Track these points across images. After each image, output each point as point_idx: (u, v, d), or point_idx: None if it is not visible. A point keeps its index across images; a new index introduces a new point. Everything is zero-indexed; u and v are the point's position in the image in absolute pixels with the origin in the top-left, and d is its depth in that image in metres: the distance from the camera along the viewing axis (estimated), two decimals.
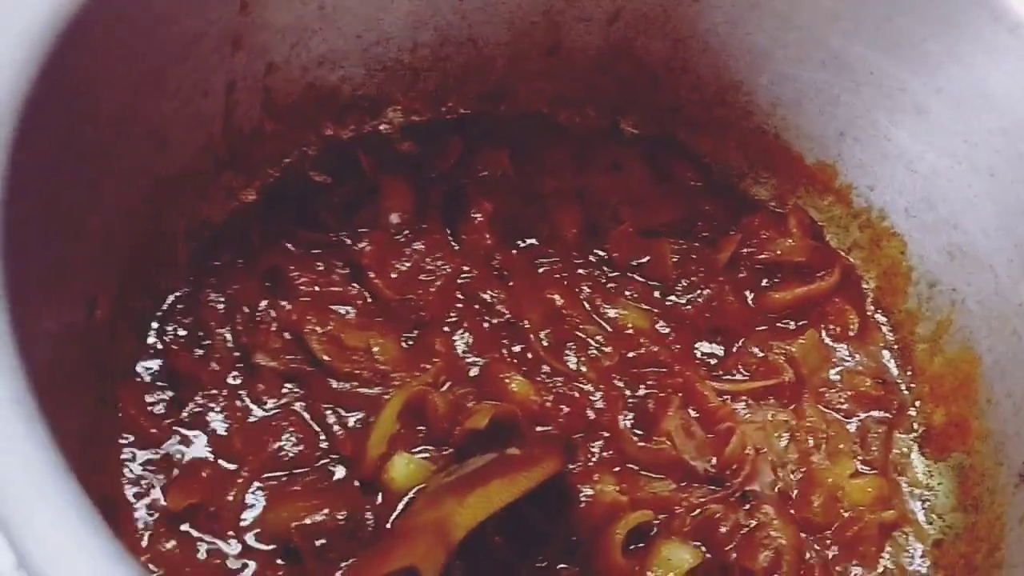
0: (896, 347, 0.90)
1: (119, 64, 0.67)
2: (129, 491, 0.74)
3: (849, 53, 0.84)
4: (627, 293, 0.90)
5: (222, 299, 0.81)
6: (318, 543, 0.69)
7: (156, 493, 0.73)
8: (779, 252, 0.92)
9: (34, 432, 0.46)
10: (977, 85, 0.77)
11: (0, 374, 0.46)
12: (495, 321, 0.85)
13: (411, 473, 0.75)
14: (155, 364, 0.78)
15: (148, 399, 0.77)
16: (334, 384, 0.79)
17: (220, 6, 0.75)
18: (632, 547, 0.77)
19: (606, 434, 0.82)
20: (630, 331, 0.87)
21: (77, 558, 0.44)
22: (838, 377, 0.88)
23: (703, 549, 0.78)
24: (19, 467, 0.44)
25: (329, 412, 0.78)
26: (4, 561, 0.46)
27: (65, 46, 0.60)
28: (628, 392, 0.84)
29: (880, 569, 0.79)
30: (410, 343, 0.83)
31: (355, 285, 0.84)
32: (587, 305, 0.88)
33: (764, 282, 0.92)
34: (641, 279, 0.91)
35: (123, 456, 0.75)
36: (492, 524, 0.68)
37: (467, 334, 0.84)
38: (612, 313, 0.88)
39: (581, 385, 0.84)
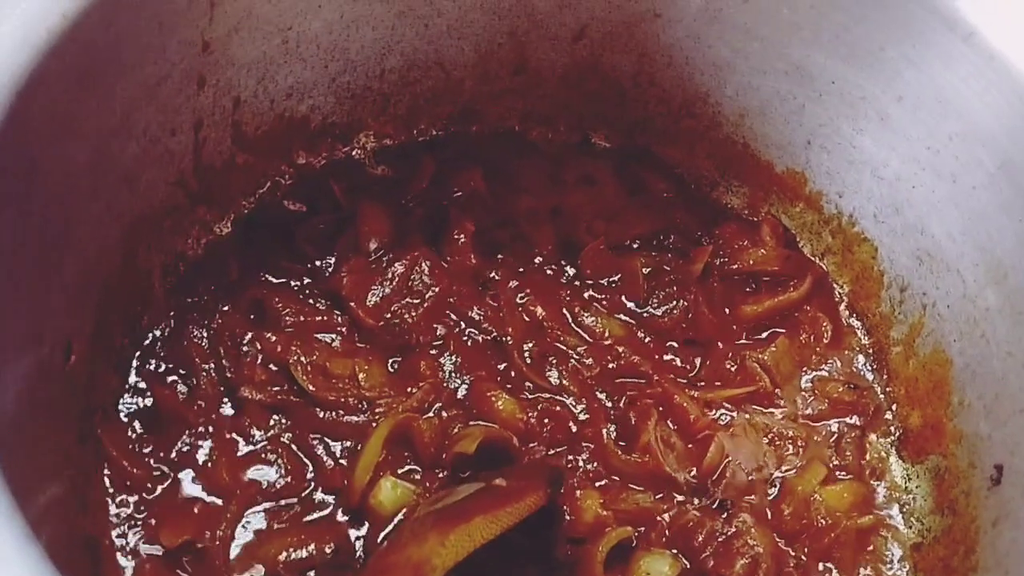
0: (871, 350, 0.91)
1: (85, 113, 0.68)
2: (113, 531, 0.74)
3: (810, 62, 0.85)
4: (603, 305, 0.91)
5: (204, 334, 0.82)
6: None
7: (140, 532, 0.74)
8: (752, 262, 0.93)
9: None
10: (935, 92, 0.78)
11: None
12: (480, 339, 0.86)
13: (398, 497, 0.76)
14: (138, 403, 0.79)
15: (132, 437, 0.77)
16: (320, 413, 0.80)
17: (181, 48, 0.75)
18: (612, 561, 0.78)
19: (589, 446, 0.83)
20: (608, 341, 0.88)
21: None
22: (810, 384, 0.89)
23: (681, 558, 0.79)
24: None
25: (316, 442, 0.79)
26: None
27: (27, 102, 0.60)
28: (609, 405, 0.85)
29: (859, 574, 0.80)
30: (396, 367, 0.84)
31: (338, 312, 0.85)
32: (567, 315, 0.89)
33: (737, 292, 0.92)
34: (617, 293, 0.92)
35: (107, 495, 0.75)
36: None
37: (453, 355, 0.85)
38: (590, 321, 0.89)
39: (564, 399, 0.85)
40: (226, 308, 0.84)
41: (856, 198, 0.90)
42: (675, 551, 0.80)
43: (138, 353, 0.82)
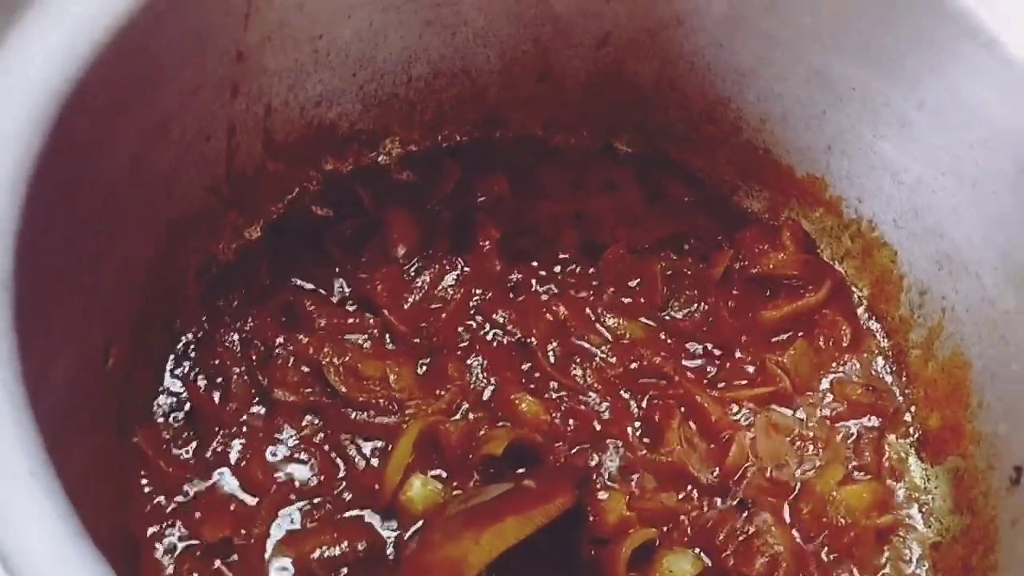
0: (890, 353, 0.92)
1: (125, 121, 0.70)
2: (151, 528, 0.76)
3: (831, 70, 0.86)
4: (625, 308, 0.92)
5: (236, 337, 0.84)
6: (341, 574, 0.72)
7: (178, 529, 0.76)
8: (772, 266, 0.94)
9: (52, 504, 0.48)
10: (957, 99, 0.79)
11: (17, 447, 0.48)
12: (505, 341, 0.88)
13: (427, 495, 0.78)
14: (173, 404, 0.81)
15: (167, 438, 0.79)
16: (352, 414, 0.82)
17: (216, 56, 0.77)
18: (635, 559, 0.79)
19: (614, 444, 0.84)
20: (628, 341, 0.90)
21: None
22: (829, 386, 0.90)
23: (703, 556, 0.80)
24: (38, 538, 0.46)
25: (348, 442, 0.81)
26: None
27: (71, 112, 0.62)
28: (633, 404, 0.87)
29: (878, 574, 0.81)
30: (424, 369, 0.85)
31: (368, 315, 0.87)
32: (591, 314, 0.91)
33: (757, 296, 0.94)
34: (638, 296, 0.94)
35: (145, 494, 0.77)
36: None
37: (479, 357, 0.87)
38: (612, 323, 0.91)
39: (588, 398, 0.86)
40: (258, 311, 0.86)
41: (876, 203, 0.91)
42: (697, 550, 0.81)
43: (172, 356, 0.84)
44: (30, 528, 0.47)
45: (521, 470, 0.80)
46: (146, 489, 0.78)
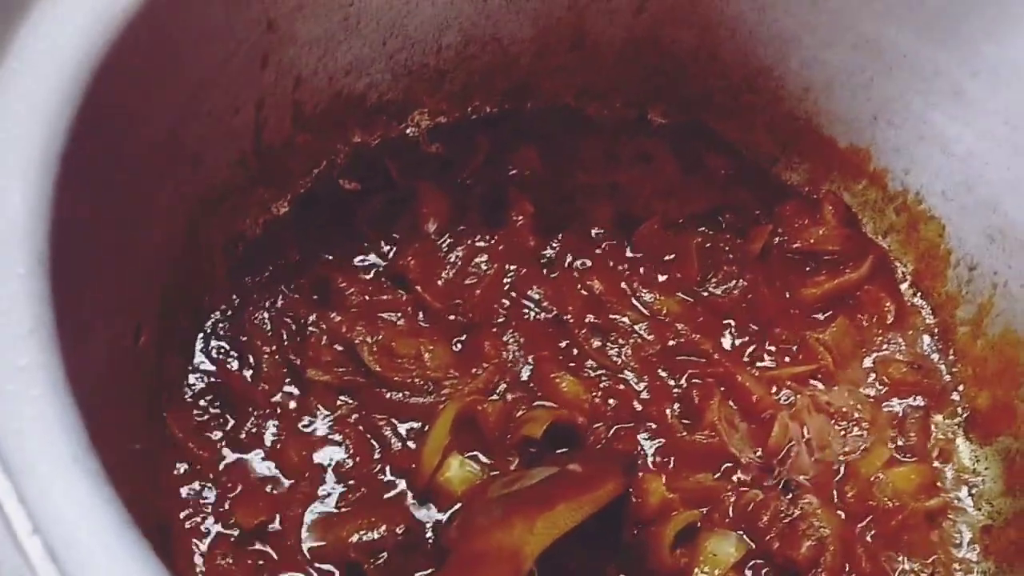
0: (936, 331, 0.90)
1: (155, 94, 0.67)
2: (183, 512, 0.75)
3: (882, 36, 0.83)
4: (661, 283, 0.90)
5: (266, 316, 0.82)
6: (379, 559, 0.70)
7: (211, 513, 0.74)
8: (812, 241, 0.92)
9: (96, 489, 0.46)
10: (1014, 66, 0.76)
11: (60, 433, 0.46)
12: (541, 317, 0.86)
13: (466, 475, 0.76)
14: (203, 385, 0.79)
15: (198, 420, 0.77)
16: (387, 394, 0.79)
17: (247, 26, 0.75)
18: (677, 541, 0.78)
19: (653, 425, 0.83)
20: (665, 318, 0.87)
21: None
22: (872, 364, 0.88)
23: (746, 539, 0.79)
24: (84, 525, 0.45)
25: (383, 423, 0.78)
26: None
27: (102, 83, 0.60)
28: (672, 383, 0.85)
29: (928, 558, 0.79)
30: (460, 347, 0.83)
31: (401, 292, 0.85)
32: (627, 289, 0.88)
33: (796, 272, 0.91)
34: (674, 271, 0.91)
35: (175, 476, 0.76)
36: None
37: (515, 333, 0.84)
38: (648, 299, 0.88)
39: (626, 377, 0.84)
40: (288, 289, 0.84)
41: (924, 175, 0.88)
42: (740, 532, 0.79)
43: (201, 335, 0.82)
44: (74, 516, 0.45)
45: (561, 451, 0.79)
46: (177, 472, 0.76)
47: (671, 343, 0.87)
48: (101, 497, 0.46)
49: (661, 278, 0.90)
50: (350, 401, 0.80)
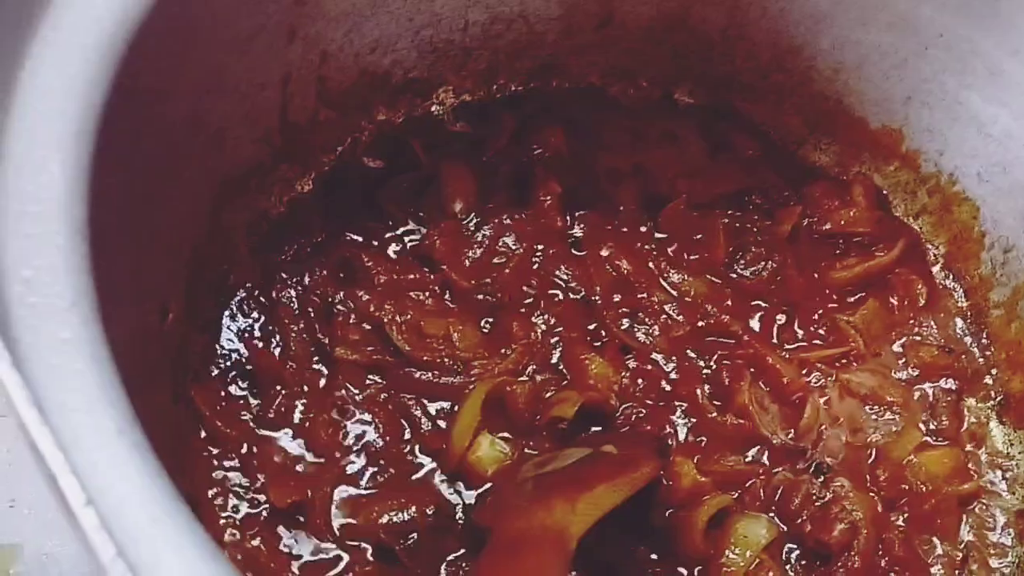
0: (969, 313, 0.89)
1: (185, 67, 0.67)
2: (211, 490, 0.74)
3: (917, 15, 0.82)
4: (688, 263, 0.89)
5: (292, 294, 0.81)
6: (409, 540, 0.70)
7: (240, 492, 0.74)
8: (843, 223, 0.91)
9: (142, 461, 0.46)
10: None
11: (105, 406, 0.45)
12: (570, 298, 0.85)
13: (497, 455, 0.76)
14: (229, 363, 0.78)
15: (226, 399, 0.77)
16: (416, 374, 0.79)
17: (275, 0, 0.73)
18: (710, 527, 0.77)
19: (684, 406, 0.82)
20: (693, 299, 0.87)
21: None
22: (903, 347, 0.87)
23: (777, 522, 0.78)
24: (133, 496, 0.44)
25: (412, 403, 0.78)
26: None
27: (134, 56, 0.59)
28: (701, 364, 0.84)
29: (961, 542, 0.79)
30: (488, 327, 0.82)
31: (428, 271, 0.84)
32: (654, 269, 0.87)
33: (826, 255, 0.90)
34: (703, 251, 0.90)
35: (203, 456, 0.75)
36: None
37: (544, 315, 0.84)
38: (676, 278, 0.87)
39: (655, 358, 0.83)
40: (314, 267, 0.83)
41: (958, 156, 0.87)
42: (771, 515, 0.79)
43: (227, 313, 0.81)
44: (124, 488, 0.45)
45: (593, 430, 0.78)
46: (205, 452, 0.75)
47: (700, 324, 0.86)
48: (148, 469, 0.46)
49: (689, 259, 0.89)
50: (379, 380, 0.79)
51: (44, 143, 0.51)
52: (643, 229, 0.90)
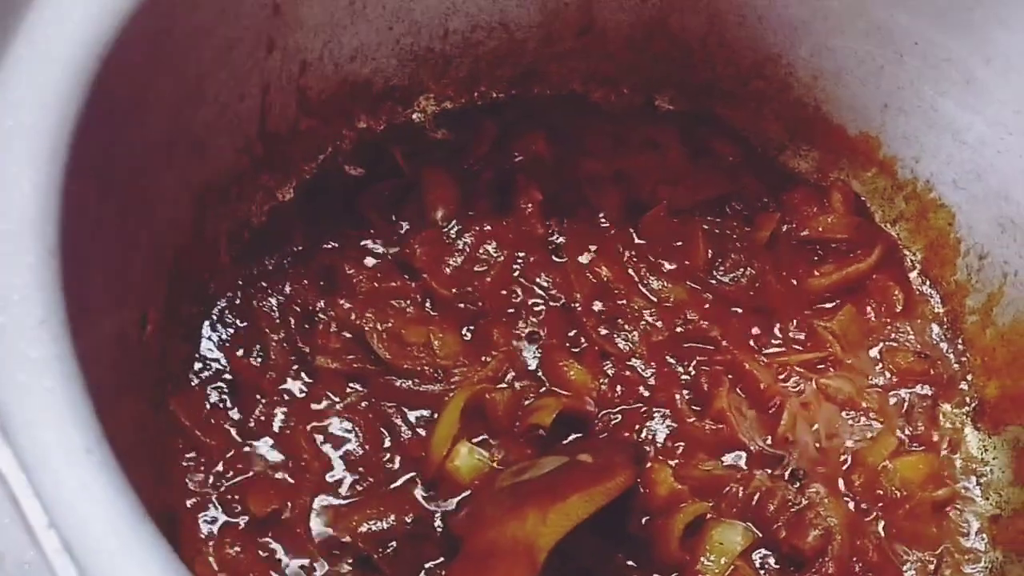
0: (945, 320, 0.89)
1: (162, 80, 0.67)
2: (190, 501, 0.74)
3: (893, 23, 0.82)
4: (668, 270, 0.90)
5: (273, 303, 0.82)
6: (389, 548, 0.70)
7: (219, 502, 0.74)
8: (821, 229, 0.92)
9: (109, 480, 0.46)
10: None
11: (72, 425, 0.46)
12: (550, 306, 0.85)
13: (475, 464, 0.76)
14: (211, 373, 0.79)
15: (205, 407, 0.77)
16: (397, 382, 0.79)
17: (253, 11, 0.74)
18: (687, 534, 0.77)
19: (661, 411, 0.82)
20: (672, 305, 0.87)
21: None
22: (878, 354, 0.87)
23: (753, 528, 0.79)
24: (98, 517, 0.44)
25: (392, 411, 0.78)
26: None
27: (109, 70, 0.59)
28: (680, 370, 0.85)
29: (935, 548, 0.79)
30: (469, 335, 0.83)
31: (409, 279, 0.84)
32: (634, 276, 0.88)
33: (804, 260, 0.91)
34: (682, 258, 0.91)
35: (182, 466, 0.75)
36: None
37: (523, 322, 0.84)
38: (656, 285, 0.88)
39: (633, 364, 0.84)
40: (295, 276, 0.83)
41: (934, 163, 0.87)
42: (747, 521, 0.79)
43: (207, 322, 0.81)
44: (89, 509, 0.45)
45: (570, 439, 0.78)
46: (185, 461, 0.75)
47: (679, 330, 0.86)
48: (115, 489, 0.46)
49: (668, 265, 0.90)
50: (359, 389, 0.79)
51: (16, 160, 0.52)
52: (624, 235, 0.91)
